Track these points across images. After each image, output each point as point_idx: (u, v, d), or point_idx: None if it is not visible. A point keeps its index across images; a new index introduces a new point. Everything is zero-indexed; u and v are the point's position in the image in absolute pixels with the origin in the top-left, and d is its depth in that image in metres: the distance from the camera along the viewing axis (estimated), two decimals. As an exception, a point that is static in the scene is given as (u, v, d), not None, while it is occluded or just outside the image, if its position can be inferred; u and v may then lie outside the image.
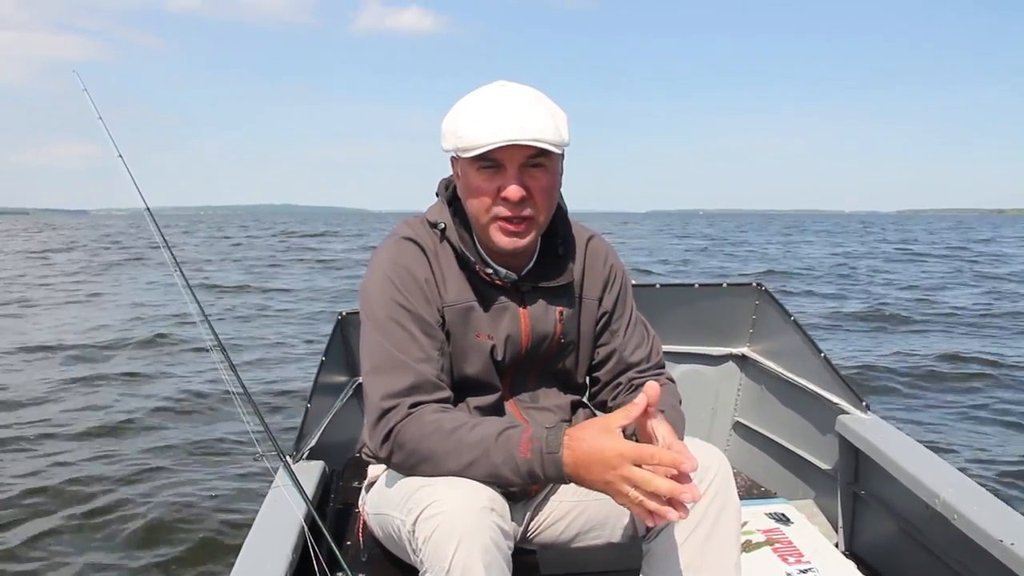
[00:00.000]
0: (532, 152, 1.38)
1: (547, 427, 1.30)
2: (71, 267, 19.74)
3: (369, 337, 1.47)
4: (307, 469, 2.04)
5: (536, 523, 1.62)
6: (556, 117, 1.41)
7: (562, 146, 1.41)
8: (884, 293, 13.68)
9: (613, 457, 1.20)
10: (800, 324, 2.52)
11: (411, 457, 1.37)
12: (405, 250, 1.51)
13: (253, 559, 1.57)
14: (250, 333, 9.24)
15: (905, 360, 7.37)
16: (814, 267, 19.68)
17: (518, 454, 1.28)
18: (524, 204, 1.41)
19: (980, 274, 17.73)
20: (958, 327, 9.78)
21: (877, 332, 9.37)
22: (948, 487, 1.78)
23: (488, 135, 1.36)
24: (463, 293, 1.51)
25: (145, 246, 27.69)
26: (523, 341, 1.55)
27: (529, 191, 1.41)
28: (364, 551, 1.76)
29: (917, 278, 16.67)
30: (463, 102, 1.44)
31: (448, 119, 1.45)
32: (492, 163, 1.39)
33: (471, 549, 1.21)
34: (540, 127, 1.37)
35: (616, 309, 1.65)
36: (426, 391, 1.41)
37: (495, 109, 1.38)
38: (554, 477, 1.28)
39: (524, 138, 1.35)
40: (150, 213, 2.34)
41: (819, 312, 10.89)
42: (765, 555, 2.03)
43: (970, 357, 7.49)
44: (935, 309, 11.42)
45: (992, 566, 1.59)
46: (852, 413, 2.26)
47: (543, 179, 1.42)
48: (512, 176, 1.39)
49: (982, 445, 4.90)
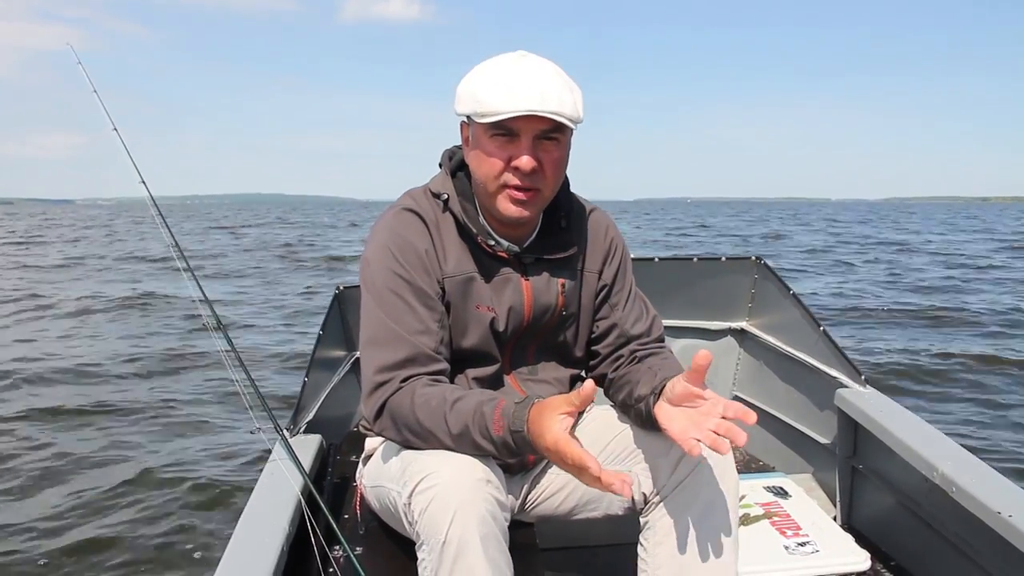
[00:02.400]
0: (548, 125, 1.37)
1: (516, 402, 1.29)
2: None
3: (367, 308, 1.46)
4: (304, 443, 2.04)
5: (534, 496, 1.62)
6: (574, 92, 1.40)
7: (577, 122, 1.40)
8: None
9: (553, 452, 1.22)
10: (799, 298, 2.51)
11: (403, 431, 1.37)
12: (405, 220, 1.49)
13: (250, 533, 1.56)
14: (247, 309, 9.26)
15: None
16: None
17: (493, 431, 1.28)
18: (534, 175, 1.40)
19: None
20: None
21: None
22: (947, 460, 1.78)
23: (508, 103, 1.34)
24: (464, 264, 1.50)
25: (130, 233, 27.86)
26: (525, 313, 1.54)
27: (540, 163, 1.40)
28: (361, 524, 1.76)
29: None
30: (483, 67, 1.42)
31: (466, 82, 1.42)
32: (507, 131, 1.38)
33: (467, 521, 1.21)
34: (559, 100, 1.35)
35: (616, 282, 1.64)
36: (420, 364, 1.40)
37: (516, 78, 1.36)
38: (530, 451, 1.28)
39: (544, 110, 1.34)
40: (146, 186, 2.32)
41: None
42: (763, 528, 2.03)
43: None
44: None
45: (990, 538, 1.59)
46: (851, 387, 2.25)
47: (555, 152, 1.41)
48: (526, 146, 1.38)
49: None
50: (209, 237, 28.23)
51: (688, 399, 1.33)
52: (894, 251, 20.42)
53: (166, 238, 2.23)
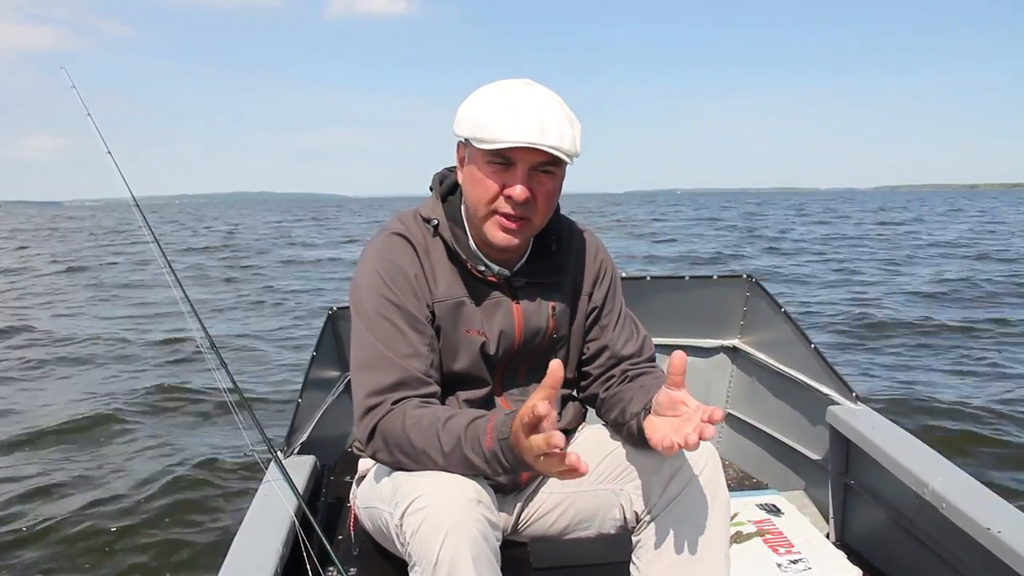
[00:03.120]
0: (546, 158, 1.38)
1: (506, 413, 1.30)
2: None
3: (357, 332, 1.47)
4: (298, 464, 2.04)
5: (526, 515, 1.62)
6: (574, 126, 1.41)
7: (574, 157, 1.41)
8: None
9: (525, 451, 1.22)
10: (790, 315, 2.52)
11: (395, 453, 1.38)
12: (394, 245, 1.50)
13: (244, 554, 1.56)
14: (240, 329, 9.23)
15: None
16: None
17: (484, 444, 1.29)
18: (526, 206, 1.41)
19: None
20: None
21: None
22: (937, 476, 1.79)
23: (508, 133, 1.35)
24: (454, 289, 1.51)
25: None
26: (516, 336, 1.55)
27: (534, 194, 1.41)
28: (355, 545, 1.76)
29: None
30: (487, 91, 1.43)
31: (468, 105, 1.43)
32: (504, 160, 1.39)
33: (458, 542, 1.22)
34: (559, 135, 1.36)
35: (606, 304, 1.66)
36: (411, 387, 1.41)
37: (519, 108, 1.37)
38: (518, 465, 1.27)
39: (543, 143, 1.35)
40: (139, 209, 2.34)
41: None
42: (756, 546, 2.04)
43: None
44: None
45: (981, 554, 1.60)
46: (842, 404, 2.27)
47: (548, 184, 1.43)
48: (521, 176, 1.39)
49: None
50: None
51: (672, 407, 1.34)
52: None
53: (158, 258, 2.23)
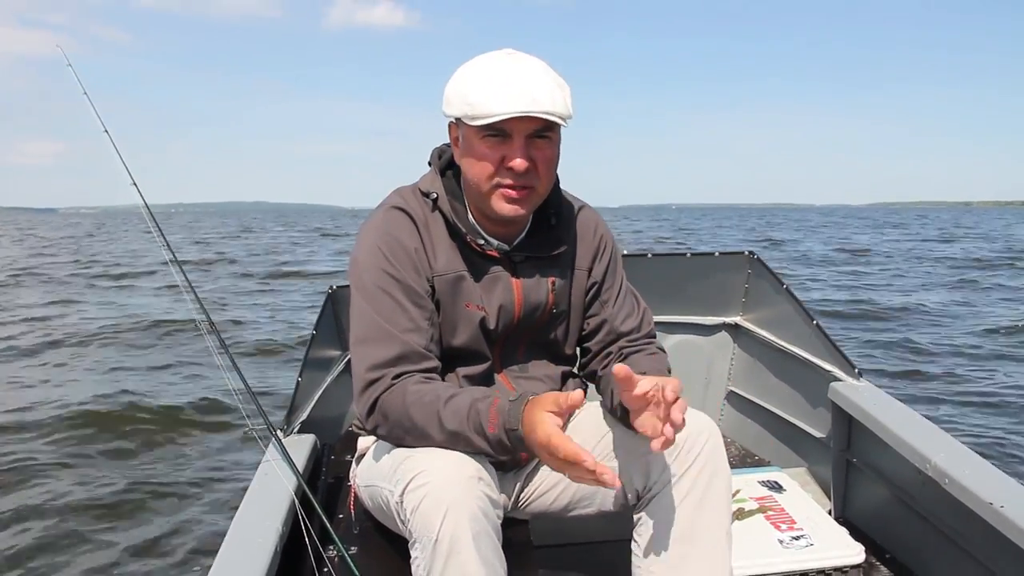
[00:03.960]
0: (540, 124, 1.37)
1: (511, 399, 1.29)
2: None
3: (357, 307, 1.46)
4: (298, 443, 2.04)
5: (527, 493, 1.62)
6: (563, 89, 1.39)
7: (568, 119, 1.40)
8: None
9: (543, 449, 1.22)
10: (792, 293, 2.51)
11: (395, 428, 1.37)
12: (394, 219, 1.49)
13: (244, 533, 1.56)
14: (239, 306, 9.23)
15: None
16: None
17: (488, 428, 1.28)
18: (528, 174, 1.40)
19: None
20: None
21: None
22: (940, 452, 1.78)
23: (499, 105, 1.33)
24: (453, 263, 1.50)
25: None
26: (516, 311, 1.54)
27: (533, 162, 1.40)
28: (355, 523, 1.76)
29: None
30: (471, 67, 1.41)
31: (455, 83, 1.41)
32: (499, 132, 1.37)
33: (459, 519, 1.21)
34: (550, 100, 1.35)
35: (606, 279, 1.64)
36: (412, 361, 1.40)
37: (507, 78, 1.35)
38: (525, 449, 1.28)
39: (536, 110, 1.33)
40: (138, 189, 2.31)
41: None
42: (758, 522, 2.04)
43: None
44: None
45: (983, 529, 1.60)
46: (845, 380, 2.26)
47: (547, 150, 1.41)
48: (519, 147, 1.38)
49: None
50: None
51: (641, 405, 1.32)
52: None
53: (157, 238, 2.22)
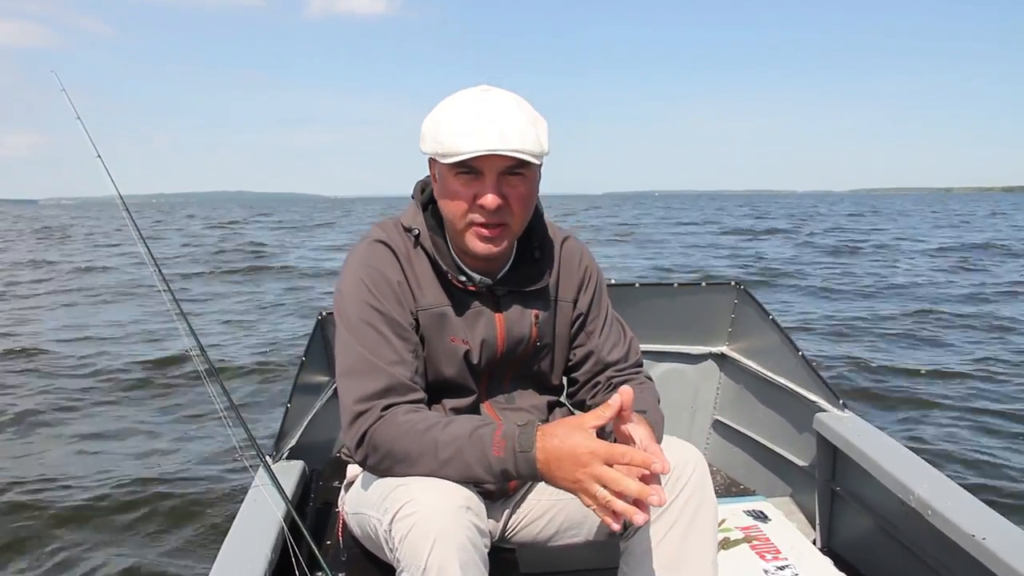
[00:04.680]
0: (511, 162, 1.38)
1: (519, 424, 1.30)
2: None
3: (342, 340, 1.47)
4: (287, 469, 2.04)
5: (514, 522, 1.63)
6: (537, 126, 1.40)
7: (541, 156, 1.41)
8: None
9: (585, 454, 1.21)
10: (778, 323, 2.54)
11: (386, 459, 1.37)
12: (377, 253, 1.50)
13: (232, 559, 1.56)
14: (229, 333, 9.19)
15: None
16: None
17: (491, 453, 1.28)
18: (500, 212, 1.41)
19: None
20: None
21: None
22: (923, 483, 1.81)
23: (468, 143, 1.35)
24: (437, 298, 1.51)
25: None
26: (499, 345, 1.55)
27: (506, 199, 1.40)
28: (344, 551, 1.76)
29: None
30: (444, 105, 1.43)
31: (429, 122, 1.44)
32: (471, 170, 1.38)
33: (447, 548, 1.22)
34: (520, 137, 1.36)
35: (591, 310, 1.66)
36: (399, 393, 1.41)
37: (477, 116, 1.37)
38: (527, 475, 1.28)
39: (504, 148, 1.34)
40: (131, 218, 2.33)
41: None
42: (743, 552, 2.05)
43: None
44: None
45: (965, 561, 1.61)
46: (829, 411, 2.28)
47: (521, 187, 1.42)
48: (490, 184, 1.39)
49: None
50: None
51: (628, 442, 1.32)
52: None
53: (145, 259, 2.23)
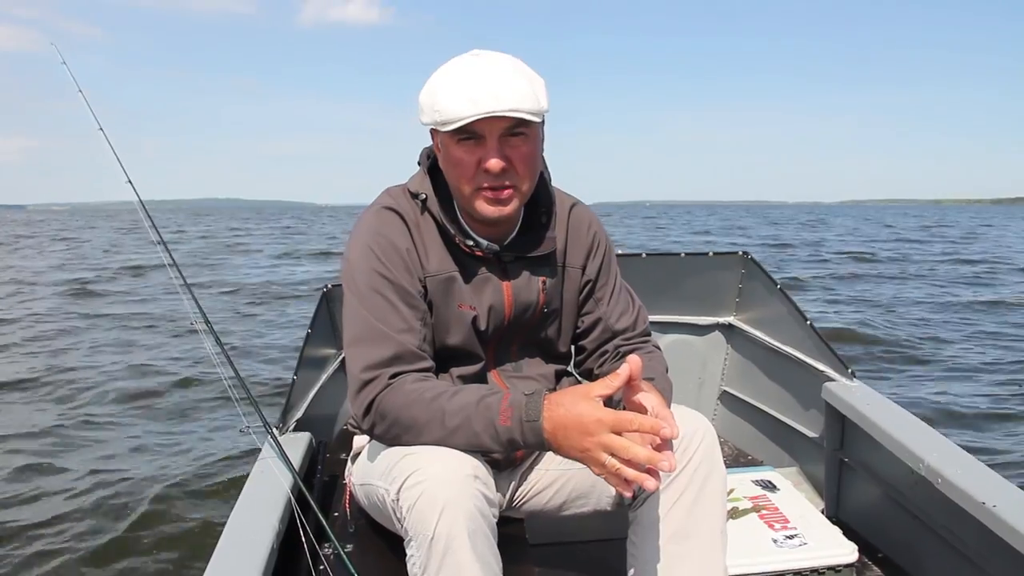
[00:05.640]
0: (511, 122, 1.36)
1: (526, 393, 1.29)
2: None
3: (350, 308, 1.46)
4: (294, 441, 2.04)
5: (522, 492, 1.62)
6: (534, 84, 1.38)
7: (541, 114, 1.39)
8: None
9: (592, 423, 1.20)
10: (786, 293, 2.52)
11: (393, 427, 1.36)
12: (386, 220, 1.49)
13: (240, 531, 1.57)
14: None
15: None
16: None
17: (498, 422, 1.27)
18: (505, 175, 1.39)
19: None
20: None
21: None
22: (932, 452, 1.80)
23: (466, 108, 1.33)
24: (445, 264, 1.49)
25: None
26: (506, 311, 1.54)
27: (510, 161, 1.39)
28: (351, 522, 1.76)
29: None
30: (438, 74, 1.41)
31: (424, 92, 1.41)
32: (472, 135, 1.37)
33: (455, 517, 1.21)
34: (518, 96, 1.34)
35: (600, 277, 1.64)
36: (407, 361, 1.40)
37: (471, 80, 1.35)
38: (534, 444, 1.27)
39: (502, 109, 1.32)
40: (133, 187, 2.31)
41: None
42: (752, 522, 2.05)
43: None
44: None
45: (975, 528, 1.61)
46: (838, 380, 2.27)
47: (524, 148, 1.40)
48: (492, 148, 1.37)
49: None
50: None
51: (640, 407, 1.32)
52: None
53: (151, 235, 2.22)
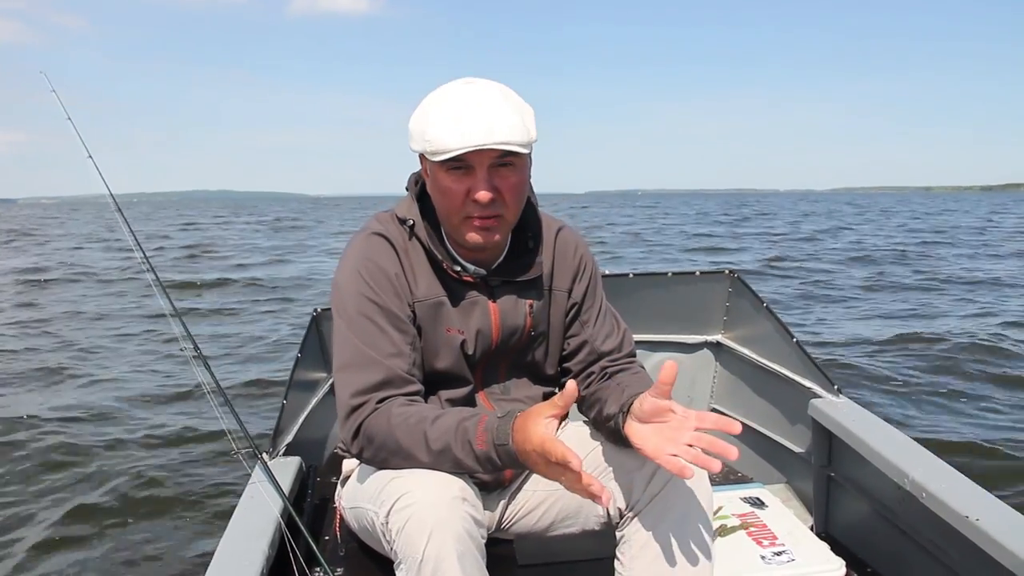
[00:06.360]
0: (500, 153, 1.37)
1: (499, 416, 1.31)
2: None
3: (339, 333, 1.47)
4: (284, 465, 2.04)
5: (511, 513, 1.63)
6: (523, 115, 1.40)
7: (529, 145, 1.41)
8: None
9: (535, 451, 1.23)
10: (772, 310, 2.54)
11: (380, 451, 1.38)
12: (375, 245, 1.50)
13: (230, 556, 1.56)
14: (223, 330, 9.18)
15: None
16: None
17: (476, 445, 1.29)
18: (494, 204, 1.41)
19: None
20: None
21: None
22: (918, 467, 1.81)
23: (456, 139, 1.34)
24: (433, 288, 1.51)
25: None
26: (493, 335, 1.55)
27: (499, 191, 1.41)
28: (341, 545, 1.77)
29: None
30: (429, 101, 1.42)
31: (415, 119, 1.43)
32: (461, 165, 1.38)
33: (443, 539, 1.22)
34: (508, 129, 1.35)
35: (586, 300, 1.66)
36: (395, 386, 1.41)
37: (462, 111, 1.36)
38: (513, 465, 1.29)
39: (492, 142, 1.34)
40: (125, 220, 2.32)
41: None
42: (740, 539, 2.05)
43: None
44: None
45: (960, 542, 1.62)
46: (824, 397, 2.29)
47: (512, 178, 1.42)
48: (482, 179, 1.39)
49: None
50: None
51: (658, 414, 1.34)
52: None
53: (137, 253, 2.23)
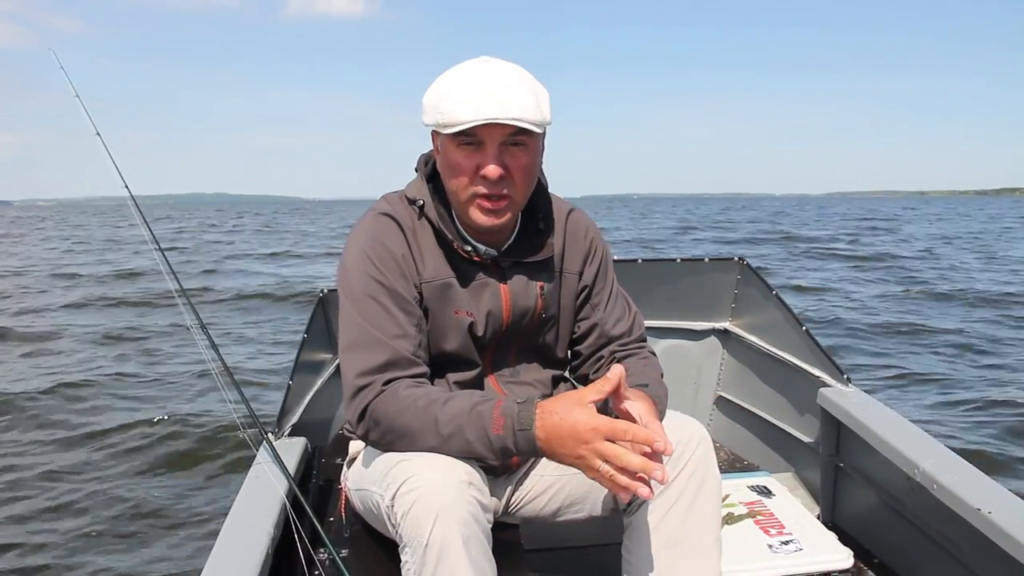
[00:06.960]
0: (512, 130, 1.36)
1: (518, 402, 1.29)
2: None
3: (345, 313, 1.46)
4: (289, 446, 2.04)
5: (517, 497, 1.62)
6: (538, 95, 1.39)
7: (543, 125, 1.39)
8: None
9: (586, 431, 1.21)
10: (781, 298, 2.52)
11: (387, 434, 1.36)
12: (382, 225, 1.49)
13: (235, 536, 1.56)
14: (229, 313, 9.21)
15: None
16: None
17: (491, 430, 1.28)
18: (502, 182, 1.39)
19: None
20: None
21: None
22: (928, 458, 1.80)
23: (469, 112, 1.33)
24: (441, 270, 1.50)
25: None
26: (504, 317, 1.54)
27: (508, 169, 1.39)
28: (346, 527, 1.76)
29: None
30: (445, 76, 1.41)
31: (429, 93, 1.42)
32: (472, 140, 1.37)
33: (449, 523, 1.21)
34: (521, 105, 1.34)
35: (596, 283, 1.65)
36: (401, 367, 1.40)
37: (477, 86, 1.35)
38: (528, 452, 1.28)
39: (505, 116, 1.33)
40: (129, 191, 2.32)
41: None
42: (747, 527, 2.05)
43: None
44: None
45: (970, 534, 1.61)
46: (833, 386, 2.27)
47: (523, 158, 1.40)
48: (492, 155, 1.37)
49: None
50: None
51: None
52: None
53: (145, 233, 2.22)
